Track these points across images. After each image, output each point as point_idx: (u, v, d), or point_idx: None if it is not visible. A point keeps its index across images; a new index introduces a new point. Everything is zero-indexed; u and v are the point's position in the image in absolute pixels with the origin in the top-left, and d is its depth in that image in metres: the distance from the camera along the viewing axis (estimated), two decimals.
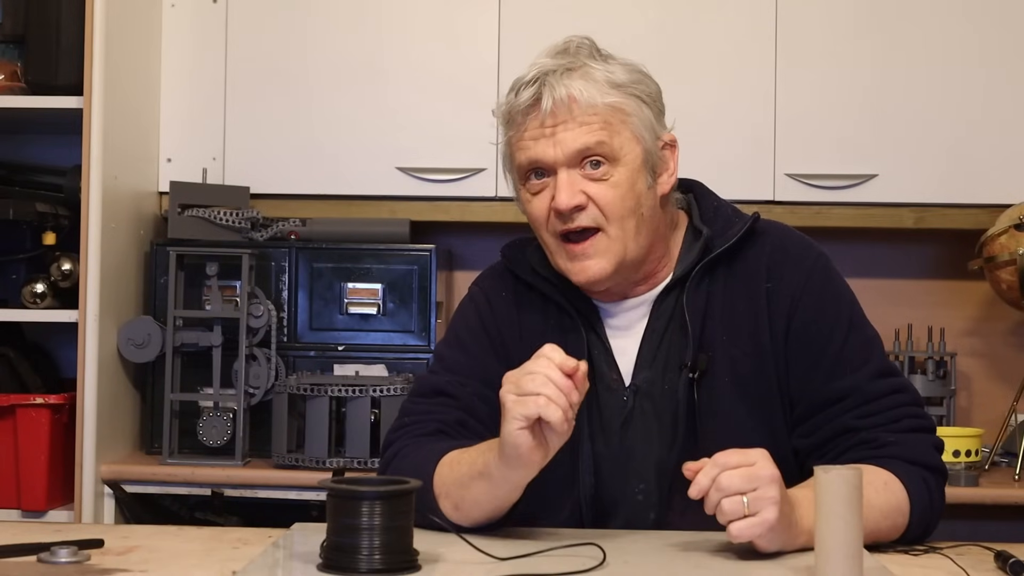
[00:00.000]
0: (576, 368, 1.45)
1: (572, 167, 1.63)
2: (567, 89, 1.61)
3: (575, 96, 1.61)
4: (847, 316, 1.68)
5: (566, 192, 1.62)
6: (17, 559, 1.40)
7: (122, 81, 2.79)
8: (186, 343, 2.81)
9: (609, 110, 1.63)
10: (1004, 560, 1.45)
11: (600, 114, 1.62)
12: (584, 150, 1.62)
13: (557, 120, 1.62)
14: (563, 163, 1.62)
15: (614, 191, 1.63)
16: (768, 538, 1.43)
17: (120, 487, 2.69)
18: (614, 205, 1.63)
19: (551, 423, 1.43)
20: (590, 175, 1.63)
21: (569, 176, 1.62)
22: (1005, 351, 3.16)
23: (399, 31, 3.00)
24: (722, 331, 1.67)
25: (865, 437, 1.61)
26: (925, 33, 2.92)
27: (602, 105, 1.62)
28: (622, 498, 1.67)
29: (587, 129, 1.62)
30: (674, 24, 2.95)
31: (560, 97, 1.61)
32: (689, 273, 1.68)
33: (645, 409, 1.68)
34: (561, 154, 1.62)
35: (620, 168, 1.63)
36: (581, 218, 1.63)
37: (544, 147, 1.63)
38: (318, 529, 1.45)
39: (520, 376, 1.46)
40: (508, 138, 1.68)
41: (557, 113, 1.62)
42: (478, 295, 1.80)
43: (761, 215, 1.74)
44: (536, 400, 1.43)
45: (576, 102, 1.61)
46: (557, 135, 1.62)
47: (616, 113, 1.63)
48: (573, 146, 1.62)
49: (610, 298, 1.73)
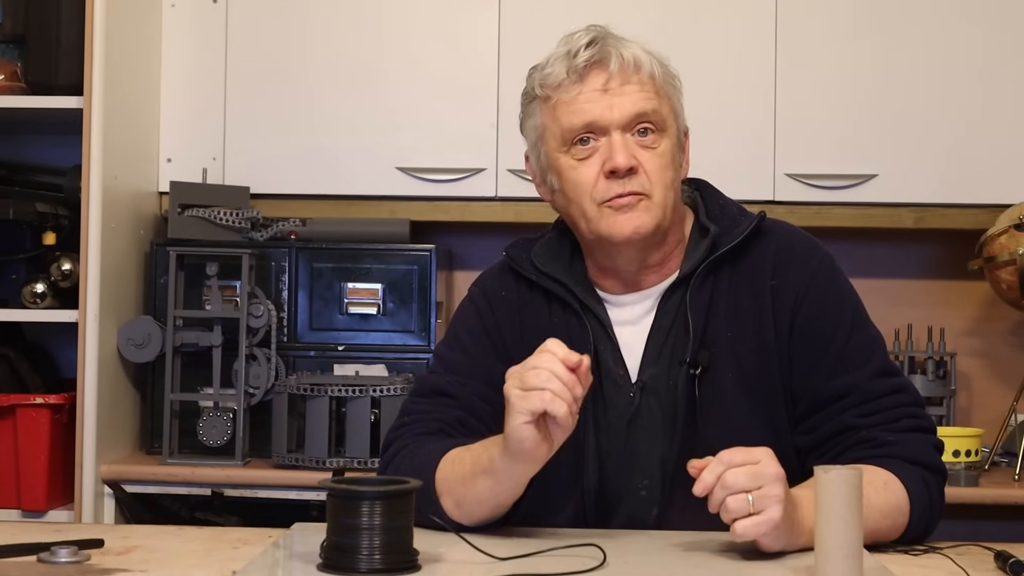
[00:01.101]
0: (580, 362, 1.45)
1: (626, 131, 1.64)
2: (631, 51, 1.64)
3: (640, 59, 1.64)
4: (850, 315, 1.68)
5: (622, 153, 1.63)
6: (17, 559, 1.40)
7: (122, 81, 2.79)
8: (186, 343, 2.81)
9: (663, 80, 1.67)
10: (1004, 560, 1.45)
11: (657, 82, 1.66)
12: (640, 115, 1.64)
13: (622, 80, 1.64)
14: (618, 125, 1.64)
15: (660, 159, 1.65)
16: (773, 536, 1.43)
17: (120, 487, 2.69)
18: (660, 173, 1.65)
19: (556, 418, 1.44)
20: (640, 141, 1.65)
21: (623, 138, 1.64)
22: (1005, 351, 3.17)
23: (399, 31, 3.00)
24: (726, 328, 1.67)
25: (865, 436, 1.61)
26: (925, 33, 2.92)
27: (660, 74, 1.67)
28: (626, 494, 1.68)
29: (645, 95, 1.64)
30: (674, 24, 2.95)
31: (628, 58, 1.64)
32: (695, 270, 1.69)
33: (651, 405, 1.68)
34: (619, 115, 1.63)
35: (665, 139, 1.66)
36: (632, 183, 1.64)
37: (602, 108, 1.63)
38: (318, 529, 1.44)
39: (524, 371, 1.46)
40: (553, 103, 1.66)
41: (623, 74, 1.64)
42: (478, 296, 1.80)
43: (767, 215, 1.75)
44: (541, 395, 1.43)
45: (641, 65, 1.64)
46: (616, 97, 1.63)
47: (666, 85, 1.68)
48: (632, 109, 1.63)
49: (621, 289, 1.73)
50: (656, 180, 1.65)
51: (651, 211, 1.65)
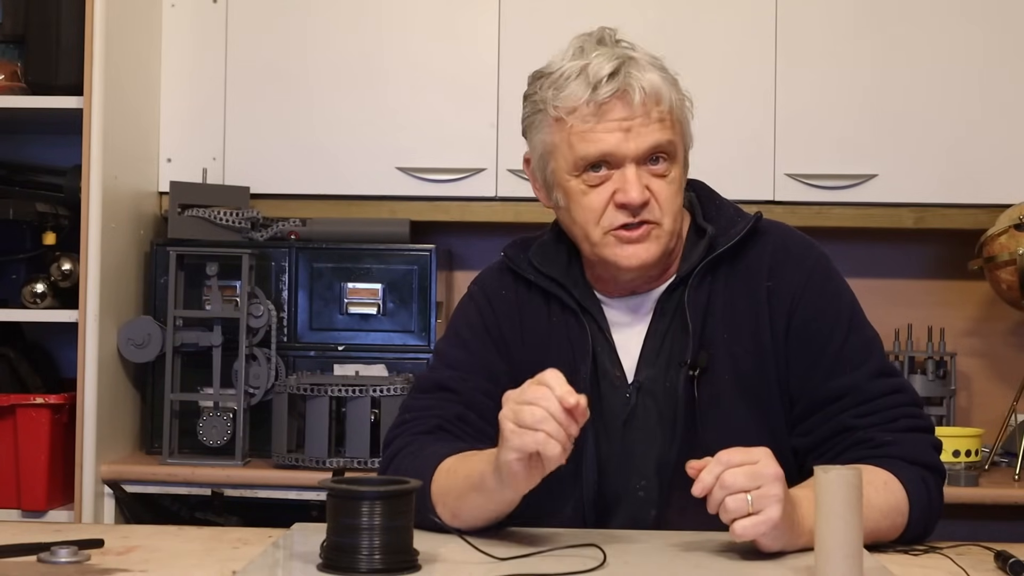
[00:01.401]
0: (577, 404, 1.42)
1: (640, 164, 1.63)
2: (652, 84, 1.61)
3: (660, 92, 1.62)
4: (847, 316, 1.68)
5: (636, 188, 1.62)
6: (17, 559, 1.40)
7: (122, 81, 2.79)
8: (186, 343, 2.81)
9: (679, 108, 1.65)
10: (1004, 560, 1.45)
11: (674, 111, 1.64)
12: (656, 146, 1.63)
13: (643, 113, 1.61)
14: (633, 158, 1.62)
15: (670, 188, 1.65)
16: (772, 536, 1.43)
17: (120, 487, 2.69)
18: (671, 202, 1.65)
19: (549, 458, 1.43)
20: (652, 171, 1.64)
21: (637, 172, 1.63)
22: (1005, 351, 3.16)
23: (399, 31, 3.00)
24: (723, 329, 1.67)
25: (863, 436, 1.61)
26: (925, 33, 2.92)
27: (676, 102, 1.65)
28: (624, 495, 1.68)
29: (662, 126, 1.63)
30: (674, 24, 2.95)
31: (650, 91, 1.61)
32: (692, 271, 1.69)
33: (648, 406, 1.68)
34: (636, 149, 1.62)
35: (676, 166, 1.66)
36: (645, 213, 1.64)
37: (619, 140, 1.61)
38: (318, 529, 1.44)
39: (520, 403, 1.43)
40: (568, 128, 1.62)
41: (646, 107, 1.61)
42: (478, 293, 1.80)
43: (763, 215, 1.75)
44: (535, 436, 1.41)
45: (661, 97, 1.62)
46: (636, 129, 1.61)
47: (681, 111, 1.66)
48: (649, 142, 1.62)
49: (618, 292, 1.73)
50: (667, 208, 1.65)
51: (660, 240, 1.65)
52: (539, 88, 1.67)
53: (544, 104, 1.65)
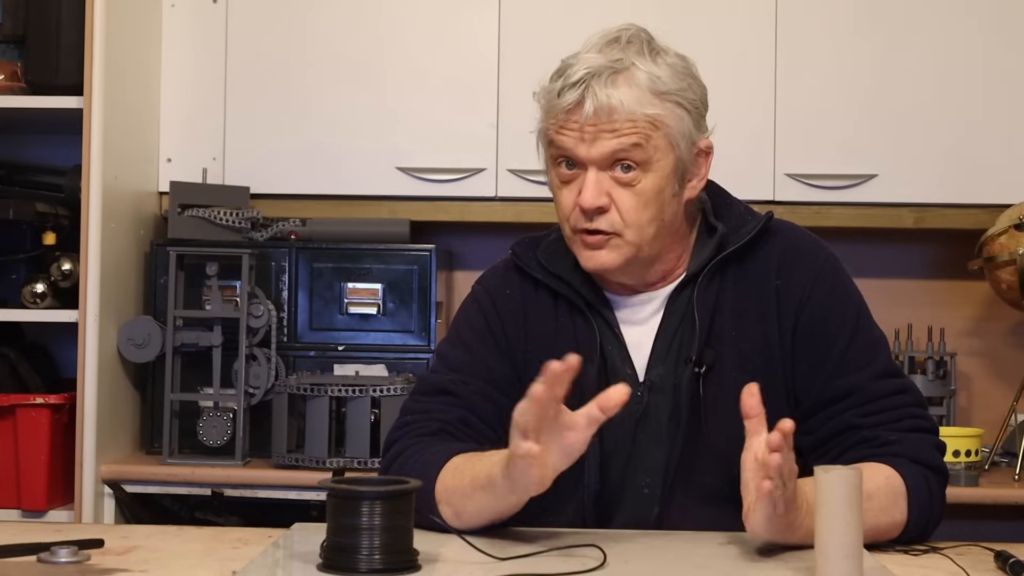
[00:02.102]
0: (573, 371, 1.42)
1: (603, 168, 1.63)
2: (608, 98, 1.61)
3: (615, 107, 1.61)
4: (854, 316, 1.69)
5: (591, 192, 1.63)
6: (17, 559, 1.40)
7: (122, 81, 2.79)
8: (186, 343, 2.81)
9: (647, 121, 1.63)
10: (1004, 560, 1.45)
11: (638, 123, 1.62)
12: (616, 153, 1.63)
13: (596, 124, 1.62)
14: (594, 162, 1.63)
15: (637, 198, 1.64)
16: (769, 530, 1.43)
17: (120, 487, 2.69)
18: (634, 212, 1.64)
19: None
20: (618, 178, 1.64)
21: (597, 176, 1.63)
22: (1005, 351, 3.16)
23: (399, 31, 3.00)
24: (731, 327, 1.68)
25: (867, 435, 1.61)
26: (925, 33, 2.92)
27: (641, 115, 1.62)
28: (628, 493, 1.68)
29: (623, 137, 1.62)
30: (674, 25, 2.92)
31: (601, 104, 1.61)
32: (702, 269, 1.69)
33: (658, 404, 1.69)
34: (596, 154, 1.63)
35: (649, 175, 1.64)
36: (600, 222, 1.64)
37: (579, 146, 1.63)
38: (318, 529, 1.44)
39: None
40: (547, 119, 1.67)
41: (597, 118, 1.62)
42: (481, 294, 1.80)
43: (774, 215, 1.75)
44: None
45: (616, 111, 1.61)
46: (593, 137, 1.62)
47: (654, 123, 1.64)
48: (606, 148, 1.62)
49: (625, 291, 1.73)
50: (630, 219, 1.64)
51: (620, 249, 1.65)
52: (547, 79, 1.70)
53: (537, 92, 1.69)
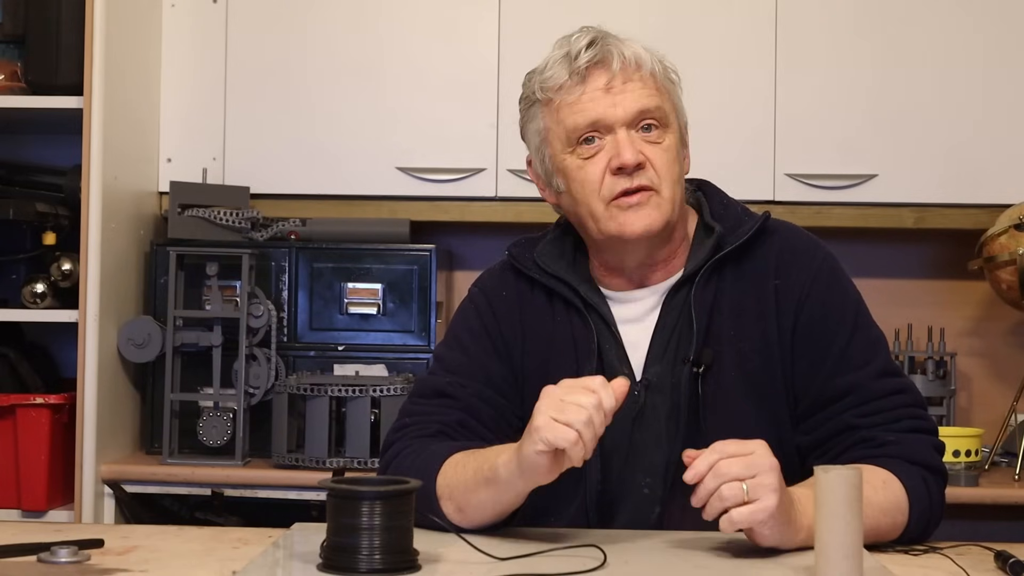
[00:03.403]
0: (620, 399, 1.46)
1: (631, 127, 1.65)
2: (632, 50, 1.66)
3: (641, 55, 1.66)
4: (852, 315, 1.69)
5: (629, 148, 1.64)
6: (17, 559, 1.40)
7: (122, 81, 2.79)
8: (186, 343, 2.81)
9: (663, 77, 1.69)
10: (1004, 560, 1.45)
11: (658, 79, 1.68)
12: (644, 111, 1.65)
13: (624, 79, 1.65)
14: (623, 122, 1.65)
15: (666, 154, 1.66)
16: (768, 526, 1.42)
17: (120, 487, 2.69)
18: (667, 168, 1.66)
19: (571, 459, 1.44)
20: (645, 137, 1.66)
21: (629, 135, 1.65)
22: (1005, 351, 3.17)
23: (399, 31, 3.00)
24: (729, 327, 1.68)
25: (865, 436, 1.61)
26: (925, 33, 2.92)
27: (660, 70, 1.68)
28: (629, 492, 1.68)
29: (648, 91, 1.66)
30: (674, 24, 2.95)
31: (629, 56, 1.66)
32: (699, 269, 1.69)
33: (656, 403, 1.69)
34: (623, 113, 1.64)
35: (669, 134, 1.68)
36: (640, 177, 1.65)
37: (605, 106, 1.64)
38: (318, 529, 1.45)
39: (566, 403, 1.44)
40: (556, 105, 1.67)
41: (625, 72, 1.65)
42: (478, 296, 1.80)
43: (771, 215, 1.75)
44: (567, 433, 1.42)
45: (642, 63, 1.66)
46: (619, 95, 1.64)
47: (666, 81, 1.69)
48: (635, 106, 1.65)
49: (626, 286, 1.73)
50: (664, 175, 1.66)
51: (661, 207, 1.65)
52: (528, 82, 1.72)
53: (533, 93, 1.70)
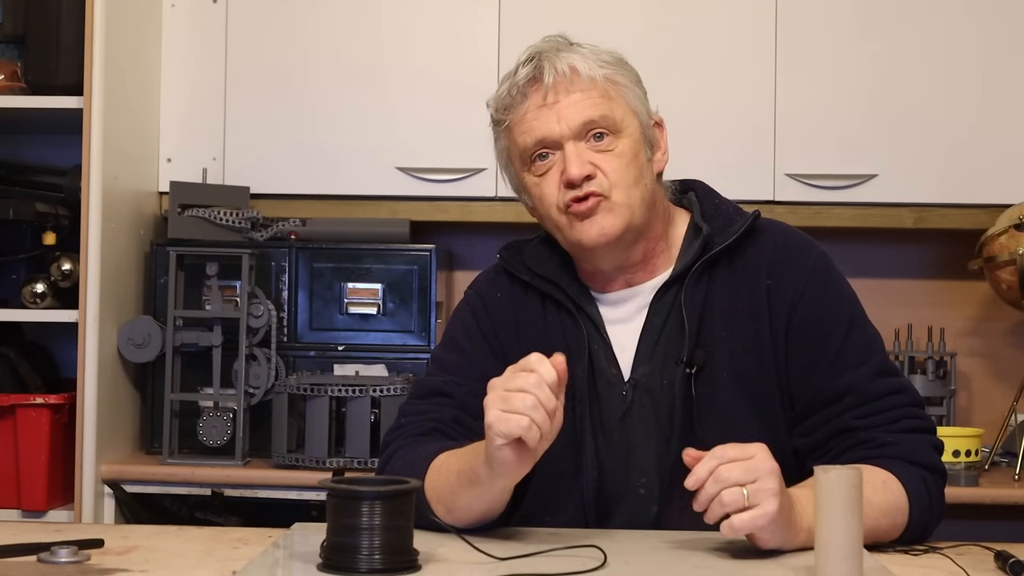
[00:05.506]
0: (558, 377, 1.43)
1: (578, 139, 1.66)
2: (566, 62, 1.66)
3: (576, 67, 1.66)
4: (847, 315, 1.68)
5: (576, 162, 1.65)
6: (17, 559, 1.40)
7: (122, 81, 2.79)
8: (186, 343, 2.81)
9: (607, 82, 1.68)
10: (1004, 560, 1.45)
11: (599, 86, 1.67)
12: (588, 123, 1.65)
13: (559, 93, 1.66)
14: (569, 136, 1.65)
15: (619, 160, 1.66)
16: (770, 531, 1.42)
17: (120, 487, 2.69)
18: (620, 173, 1.66)
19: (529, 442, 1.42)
20: (595, 147, 1.66)
21: (576, 148, 1.65)
22: (1005, 351, 3.17)
23: (399, 31, 3.00)
24: (721, 327, 1.68)
25: (864, 437, 1.61)
26: (925, 33, 2.92)
27: (600, 77, 1.67)
28: (624, 492, 1.68)
29: (589, 101, 1.66)
30: (674, 24, 2.95)
31: (562, 69, 1.66)
32: (689, 269, 1.69)
33: (644, 403, 1.69)
34: (567, 127, 1.65)
35: (623, 139, 1.67)
36: (590, 184, 1.65)
37: (549, 123, 1.65)
38: (318, 529, 1.45)
39: (508, 392, 1.43)
40: (508, 126, 1.69)
41: (559, 85, 1.66)
42: (473, 298, 1.81)
43: (761, 214, 1.75)
44: (519, 421, 1.41)
45: (577, 74, 1.66)
46: (560, 109, 1.65)
47: (613, 86, 1.68)
48: (578, 118, 1.65)
49: (611, 287, 1.73)
50: (616, 180, 1.65)
51: (614, 211, 1.65)
52: (489, 104, 1.74)
53: (492, 115, 1.73)
